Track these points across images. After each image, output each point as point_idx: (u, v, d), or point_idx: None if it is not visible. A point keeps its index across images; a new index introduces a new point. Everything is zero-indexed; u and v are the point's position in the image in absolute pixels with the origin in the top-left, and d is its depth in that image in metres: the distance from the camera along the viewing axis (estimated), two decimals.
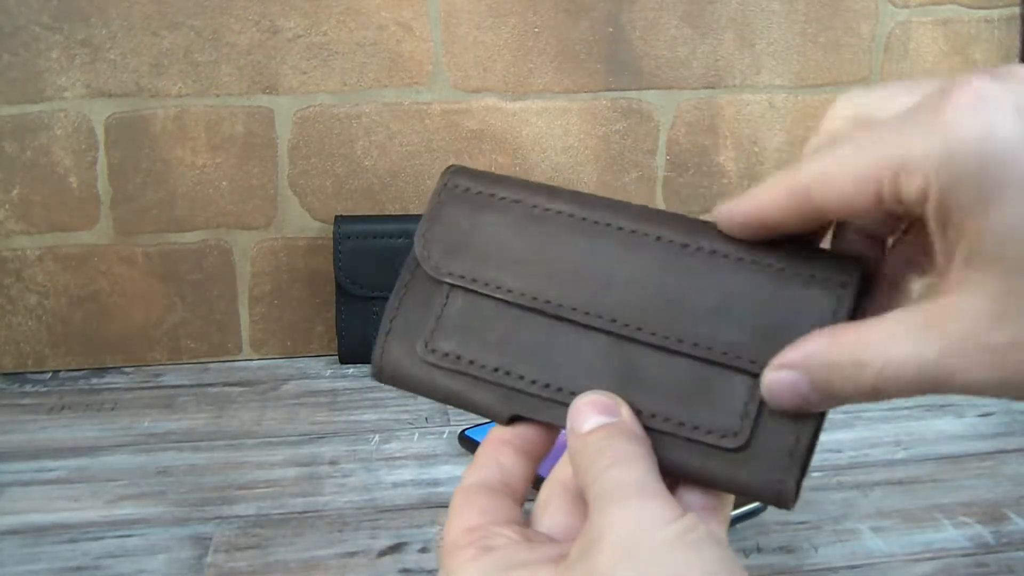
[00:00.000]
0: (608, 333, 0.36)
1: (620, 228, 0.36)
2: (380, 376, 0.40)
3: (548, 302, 0.36)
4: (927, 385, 0.30)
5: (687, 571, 0.29)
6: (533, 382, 0.37)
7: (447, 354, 0.38)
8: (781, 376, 0.32)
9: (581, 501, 0.34)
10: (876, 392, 0.30)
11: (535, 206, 0.38)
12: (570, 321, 0.36)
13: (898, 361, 0.30)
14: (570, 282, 0.36)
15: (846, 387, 0.31)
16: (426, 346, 0.39)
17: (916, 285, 0.36)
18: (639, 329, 0.35)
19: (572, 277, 0.36)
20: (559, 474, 0.37)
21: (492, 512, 0.35)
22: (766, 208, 0.33)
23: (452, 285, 0.38)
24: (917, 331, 0.30)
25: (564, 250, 0.37)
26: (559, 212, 0.37)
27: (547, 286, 0.37)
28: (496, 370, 0.38)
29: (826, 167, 0.31)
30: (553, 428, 0.37)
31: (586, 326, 0.36)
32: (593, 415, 0.34)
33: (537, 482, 0.38)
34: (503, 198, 0.38)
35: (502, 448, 0.37)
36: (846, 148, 0.31)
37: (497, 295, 0.37)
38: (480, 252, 0.38)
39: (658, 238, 0.35)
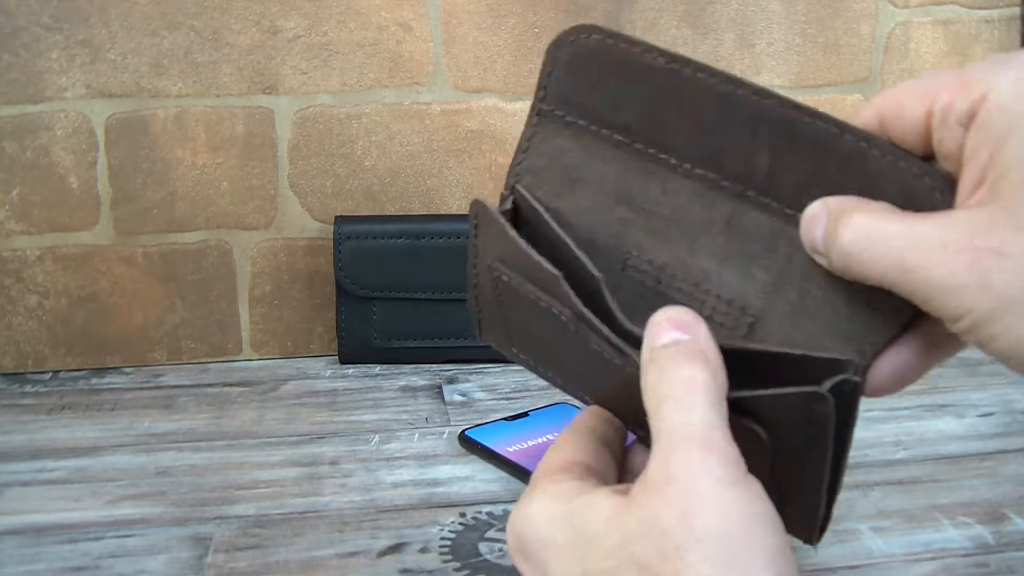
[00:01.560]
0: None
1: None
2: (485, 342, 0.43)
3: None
4: (896, 269, 0.30)
5: (745, 546, 0.29)
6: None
7: (526, 359, 0.41)
8: (815, 210, 0.34)
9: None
10: (847, 254, 0.32)
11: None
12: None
13: (885, 241, 0.31)
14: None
15: (836, 239, 0.32)
16: (512, 348, 0.41)
17: None
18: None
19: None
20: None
21: (595, 455, 0.36)
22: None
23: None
24: (912, 220, 0.31)
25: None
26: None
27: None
28: (564, 385, 0.39)
29: (900, 86, 0.33)
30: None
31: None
32: (669, 332, 0.33)
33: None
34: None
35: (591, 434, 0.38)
36: (923, 74, 0.33)
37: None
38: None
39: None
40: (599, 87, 0.38)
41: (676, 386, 0.32)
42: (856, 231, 0.31)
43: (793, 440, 0.32)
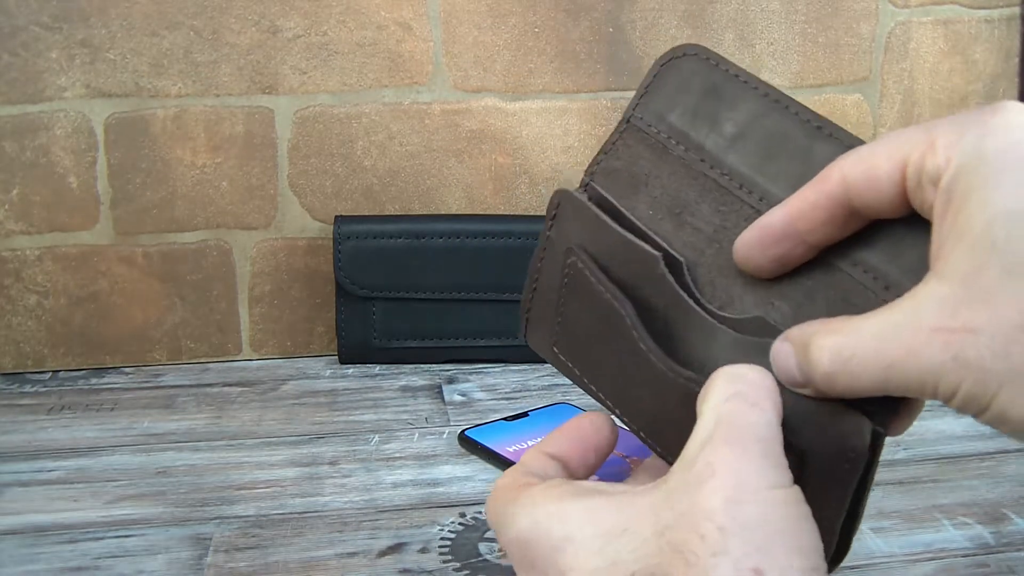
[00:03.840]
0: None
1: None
2: (528, 344, 0.43)
3: None
4: (880, 371, 0.30)
5: (785, 541, 0.29)
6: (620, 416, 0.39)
7: (566, 363, 0.41)
8: (780, 347, 0.33)
9: None
10: (831, 377, 0.31)
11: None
12: None
13: (862, 349, 0.30)
14: None
15: (814, 368, 0.31)
16: (554, 348, 0.42)
17: None
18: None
19: None
20: None
21: (581, 447, 0.37)
22: (798, 210, 0.33)
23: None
24: (880, 317, 0.30)
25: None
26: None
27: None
28: (598, 394, 0.40)
29: (864, 149, 0.32)
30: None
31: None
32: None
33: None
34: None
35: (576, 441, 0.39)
36: (887, 135, 0.32)
37: None
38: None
39: None
40: (694, 109, 0.39)
41: (746, 386, 0.32)
42: (832, 353, 0.31)
43: (823, 470, 0.33)
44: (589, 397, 0.41)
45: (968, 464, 0.63)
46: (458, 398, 0.75)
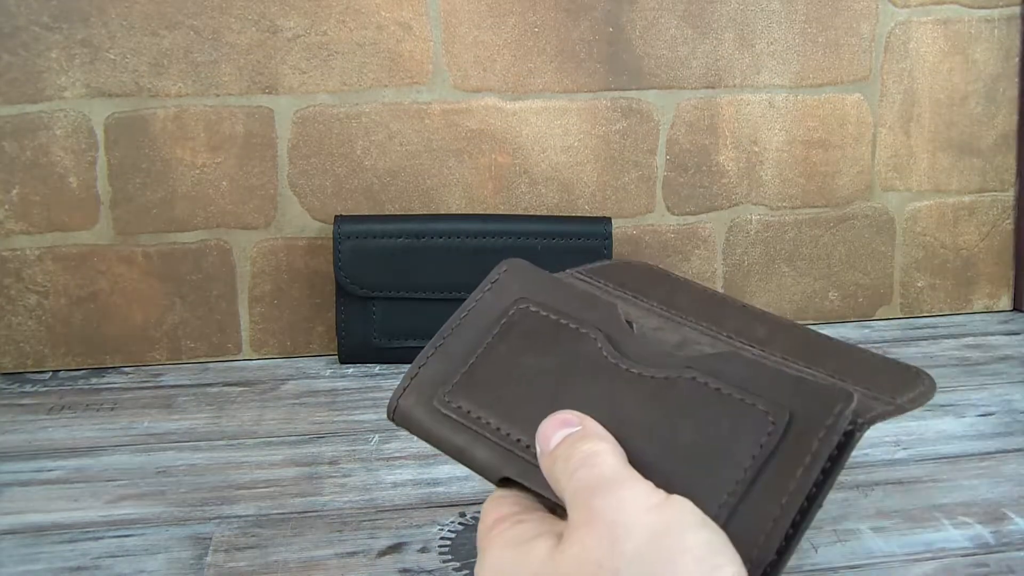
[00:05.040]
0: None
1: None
2: (393, 416, 0.44)
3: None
4: None
5: (673, 557, 0.30)
6: (527, 447, 0.39)
7: (459, 407, 0.42)
8: None
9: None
10: None
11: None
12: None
13: None
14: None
15: None
16: (444, 397, 0.41)
17: None
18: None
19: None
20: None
21: (524, 504, 0.38)
22: None
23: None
24: None
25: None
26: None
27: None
28: (498, 430, 0.39)
29: None
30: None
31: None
32: (557, 431, 0.37)
33: None
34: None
35: None
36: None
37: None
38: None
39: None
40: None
41: (581, 458, 0.35)
42: None
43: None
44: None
45: (968, 464, 0.63)
46: None
